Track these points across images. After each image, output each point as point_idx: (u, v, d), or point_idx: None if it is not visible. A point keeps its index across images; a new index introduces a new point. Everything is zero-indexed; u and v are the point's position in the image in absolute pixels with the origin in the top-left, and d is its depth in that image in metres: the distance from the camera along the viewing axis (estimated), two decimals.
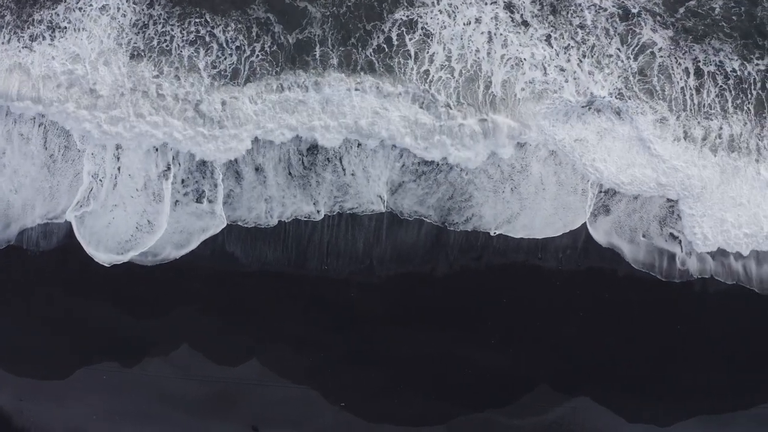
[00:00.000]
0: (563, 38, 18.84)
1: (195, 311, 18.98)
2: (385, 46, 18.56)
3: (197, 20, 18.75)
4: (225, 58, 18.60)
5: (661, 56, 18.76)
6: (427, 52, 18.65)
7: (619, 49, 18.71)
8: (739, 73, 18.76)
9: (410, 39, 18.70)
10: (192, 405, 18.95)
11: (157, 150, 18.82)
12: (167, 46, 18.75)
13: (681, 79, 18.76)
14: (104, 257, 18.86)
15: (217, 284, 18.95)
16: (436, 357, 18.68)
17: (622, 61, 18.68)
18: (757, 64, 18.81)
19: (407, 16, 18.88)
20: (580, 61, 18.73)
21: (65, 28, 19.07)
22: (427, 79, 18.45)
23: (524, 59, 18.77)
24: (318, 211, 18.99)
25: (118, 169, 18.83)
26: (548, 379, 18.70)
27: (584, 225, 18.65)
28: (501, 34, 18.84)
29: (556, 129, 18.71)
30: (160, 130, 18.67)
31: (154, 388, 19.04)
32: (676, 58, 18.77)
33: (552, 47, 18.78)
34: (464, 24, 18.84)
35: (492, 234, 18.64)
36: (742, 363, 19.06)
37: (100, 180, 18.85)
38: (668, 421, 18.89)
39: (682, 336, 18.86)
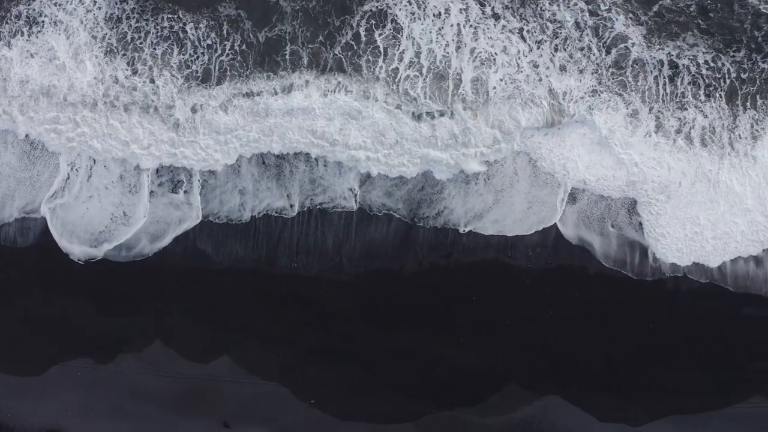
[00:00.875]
0: (536, 32, 18.75)
1: (167, 308, 19.10)
2: (353, 43, 18.53)
3: (170, 16, 18.87)
4: (197, 57, 18.69)
5: (635, 51, 18.59)
6: (397, 49, 18.63)
7: (590, 42, 18.57)
8: (713, 65, 18.53)
9: (379, 34, 18.67)
10: (165, 401, 19.12)
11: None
12: (141, 43, 18.92)
13: (655, 69, 18.54)
14: (78, 250, 19.04)
15: (189, 281, 19.05)
16: (406, 355, 18.64)
17: (594, 55, 18.54)
18: (734, 56, 18.57)
19: (377, 7, 18.83)
20: (553, 55, 18.63)
21: (42, 22, 19.34)
22: (396, 78, 18.45)
23: (496, 54, 18.69)
24: (291, 206, 19.05)
25: (94, 160, 19.02)
26: (518, 378, 18.60)
27: (554, 224, 18.60)
28: (471, 26, 18.73)
29: (529, 137, 18.71)
30: (132, 147, 18.81)
31: (128, 384, 19.20)
32: (650, 52, 18.60)
33: (525, 41, 18.69)
34: (434, 15, 18.75)
35: (462, 231, 18.60)
36: (717, 362, 18.80)
37: (77, 170, 19.06)
38: (641, 420, 18.71)
39: (655, 335, 18.62)
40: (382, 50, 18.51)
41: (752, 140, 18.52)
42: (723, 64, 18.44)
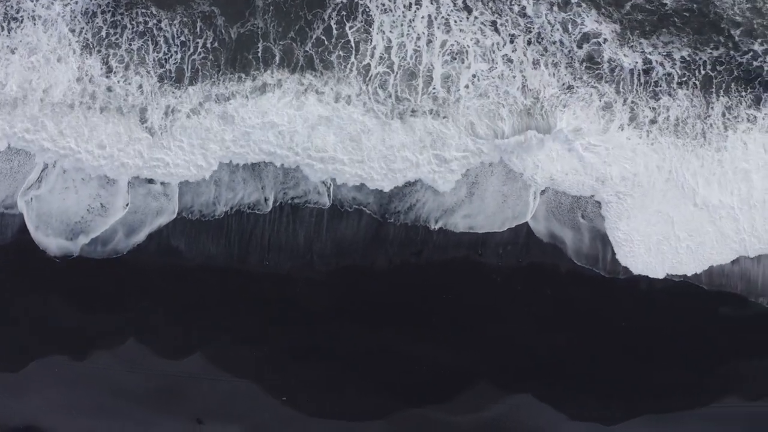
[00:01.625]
0: (508, 25, 18.58)
1: (141, 305, 19.17)
2: (324, 38, 18.49)
3: (143, 11, 18.94)
4: (171, 56, 18.77)
5: (608, 48, 18.38)
6: (369, 43, 18.57)
7: (562, 37, 18.40)
8: (688, 59, 18.32)
9: (350, 27, 18.59)
10: (140, 398, 19.22)
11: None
12: (116, 39, 19.00)
13: (630, 63, 18.37)
14: (54, 244, 19.15)
15: (163, 279, 19.14)
16: (376, 352, 18.63)
17: (567, 50, 18.37)
18: (711, 53, 18.34)
19: None
20: (526, 49, 18.47)
21: (21, 18, 19.44)
22: (367, 75, 18.40)
23: (468, 46, 18.56)
24: (266, 200, 19.08)
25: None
26: (488, 376, 18.52)
27: (525, 222, 18.50)
28: (443, 17, 18.60)
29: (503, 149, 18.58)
30: (110, 160, 18.86)
31: (104, 381, 19.31)
32: (623, 49, 18.39)
33: (499, 34, 18.56)
34: (404, 7, 18.58)
35: (432, 228, 18.57)
36: (691, 362, 18.62)
37: (54, 162, 19.13)
38: (613, 419, 18.58)
39: (628, 333, 18.49)
40: (353, 44, 18.50)
41: (724, 130, 18.31)
42: (700, 58, 18.28)
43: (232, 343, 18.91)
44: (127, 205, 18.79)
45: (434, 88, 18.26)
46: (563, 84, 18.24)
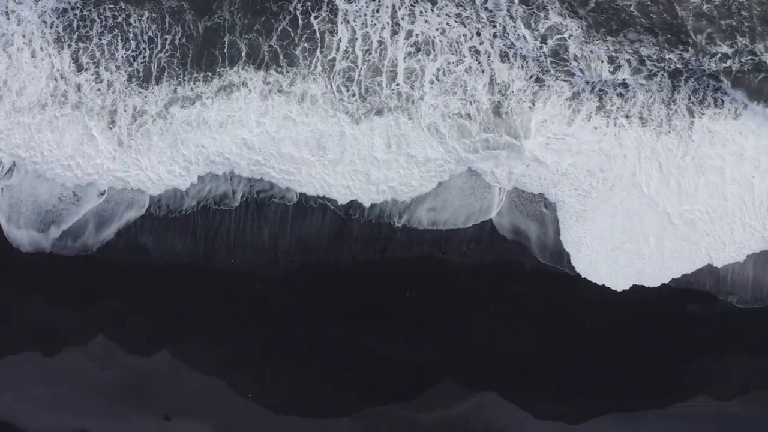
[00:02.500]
0: (473, 18, 18.37)
1: (110, 303, 19.33)
2: (290, 29, 18.43)
3: (111, 6, 18.94)
4: (139, 53, 18.83)
5: (573, 44, 18.18)
6: (334, 34, 18.48)
7: (525, 33, 18.21)
8: (655, 58, 18.07)
9: (315, 17, 18.51)
10: (110, 394, 19.37)
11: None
12: (87, 32, 19.02)
13: (597, 60, 18.16)
14: (26, 236, 19.31)
15: (131, 277, 19.25)
16: (341, 350, 18.65)
17: (531, 44, 18.16)
18: (680, 54, 18.07)
19: None
20: (492, 42, 18.31)
21: None
22: (332, 71, 18.34)
23: (434, 37, 18.40)
24: (234, 192, 19.12)
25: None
26: (452, 374, 18.48)
27: (489, 219, 18.38)
28: (407, 7, 18.27)
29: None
30: (82, 170, 18.93)
31: (75, 377, 19.50)
32: (589, 46, 18.17)
33: (465, 26, 18.40)
34: None
35: (396, 225, 18.53)
36: (659, 361, 18.45)
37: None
38: (578, 418, 18.46)
39: (593, 332, 18.36)
40: (318, 35, 18.43)
41: (690, 115, 18.12)
42: (669, 59, 18.04)
43: (199, 340, 19.02)
44: (103, 193, 18.91)
45: (398, 84, 18.21)
46: (531, 77, 18.10)
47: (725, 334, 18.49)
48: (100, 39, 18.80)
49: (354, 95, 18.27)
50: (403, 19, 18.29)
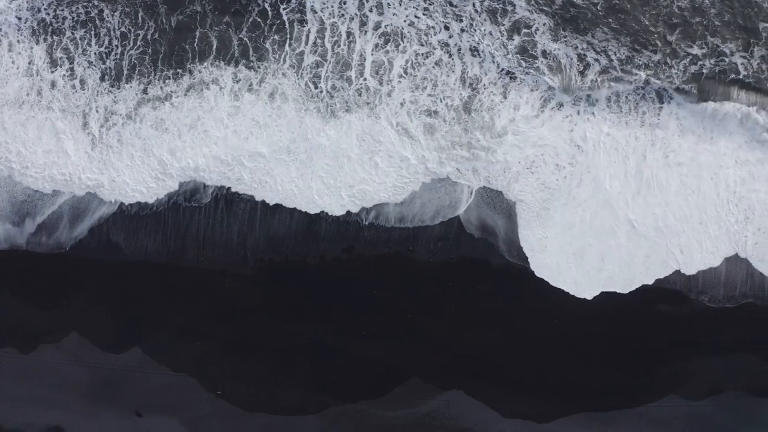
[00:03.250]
0: (438, 12, 18.23)
1: (83, 300, 19.47)
2: (260, 20, 18.42)
3: (86, 2, 19.07)
4: (111, 50, 18.90)
5: (541, 40, 18.01)
6: (304, 25, 18.43)
7: (492, 28, 18.04)
8: (625, 59, 17.83)
9: (284, 9, 18.46)
10: (83, 390, 19.50)
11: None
12: (59, 26, 19.12)
13: (565, 58, 17.99)
14: (0, 230, 19.47)
15: (104, 275, 19.36)
16: (310, 348, 18.65)
17: (498, 40, 18.01)
18: (650, 56, 17.83)
19: None
20: (461, 36, 18.15)
21: None
22: (301, 65, 18.27)
23: (402, 28, 18.21)
24: (205, 187, 19.11)
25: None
26: (420, 373, 18.42)
27: (457, 217, 18.29)
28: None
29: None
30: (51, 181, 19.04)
31: (49, 374, 19.63)
32: (557, 43, 17.99)
33: (432, 19, 18.24)
34: None
35: (364, 223, 18.45)
36: (628, 360, 18.30)
37: None
38: (547, 417, 18.34)
39: (562, 331, 18.22)
40: (287, 26, 18.36)
41: (659, 102, 17.89)
42: (639, 60, 17.79)
43: (170, 337, 19.09)
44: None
45: (365, 79, 18.11)
46: (501, 71, 17.93)
47: (697, 334, 18.29)
48: (73, 33, 18.93)
49: (322, 92, 18.23)
50: (371, 10, 18.22)
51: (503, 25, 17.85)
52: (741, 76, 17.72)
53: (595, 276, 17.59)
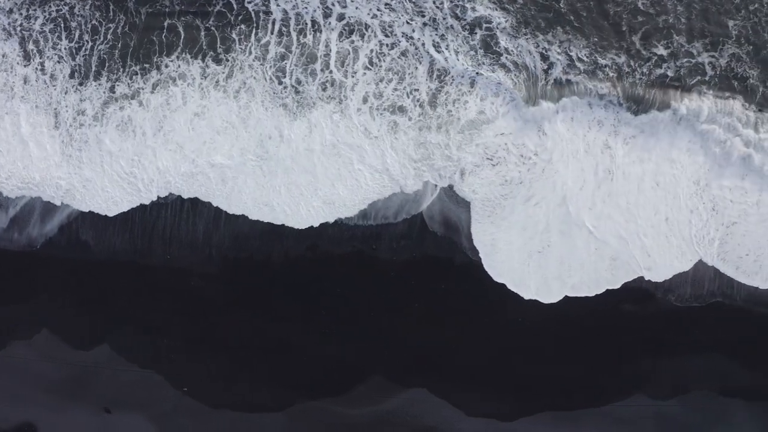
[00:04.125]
0: (399, 8, 18.20)
1: (53, 297, 19.66)
2: (226, 10, 18.49)
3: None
4: (81, 45, 19.01)
5: (503, 37, 17.91)
6: (269, 15, 18.43)
7: (453, 23, 17.95)
8: (587, 59, 17.68)
9: (248, 2, 18.53)
10: (53, 387, 19.69)
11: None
12: (30, 24, 19.25)
13: (528, 56, 17.85)
14: None
15: (73, 272, 19.53)
16: (274, 345, 18.69)
17: (459, 35, 17.94)
18: (613, 59, 17.64)
19: None
20: (423, 30, 18.09)
21: None
22: (266, 57, 18.28)
23: (366, 22, 18.18)
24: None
25: None
26: (383, 371, 18.38)
27: (420, 214, 18.26)
28: None
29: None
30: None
31: (20, 370, 19.84)
32: (518, 41, 17.87)
33: (395, 12, 18.21)
34: None
35: (327, 221, 18.42)
36: (593, 359, 18.13)
37: None
38: (511, 416, 18.24)
39: (526, 329, 18.10)
40: (253, 16, 18.41)
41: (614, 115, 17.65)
42: (602, 63, 17.63)
43: (138, 334, 19.21)
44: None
45: (331, 71, 18.10)
46: (466, 67, 17.85)
47: (664, 333, 18.10)
48: (42, 28, 19.08)
49: (287, 88, 18.24)
50: (333, 4, 18.21)
51: (464, 20, 17.77)
52: (707, 77, 17.52)
53: (557, 281, 17.52)
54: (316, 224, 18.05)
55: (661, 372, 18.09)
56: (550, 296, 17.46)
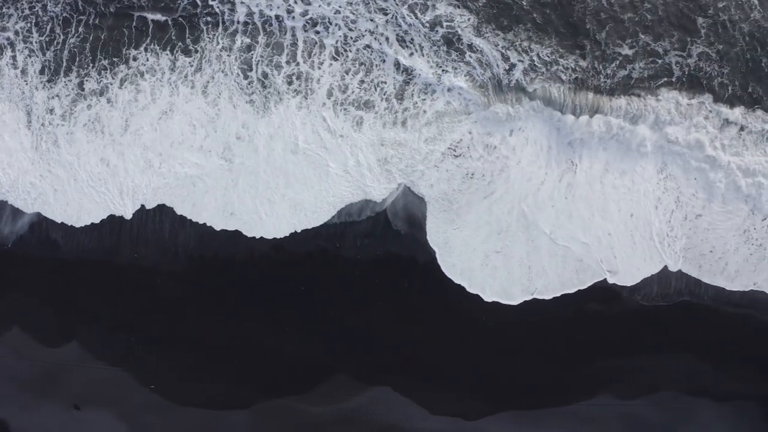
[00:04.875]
0: (359, 5, 18.16)
1: (24, 295, 19.77)
2: (190, 7, 18.52)
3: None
4: (54, 37, 19.05)
5: (465, 35, 17.82)
6: (234, 13, 18.39)
7: (413, 21, 17.90)
8: (549, 59, 17.59)
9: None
10: (24, 384, 19.81)
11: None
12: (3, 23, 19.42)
13: (491, 55, 17.76)
14: None
15: (43, 271, 19.63)
16: (240, 343, 18.74)
17: (421, 31, 17.88)
18: (576, 61, 17.51)
19: None
20: (386, 26, 18.04)
21: None
22: (232, 48, 18.26)
23: (329, 18, 18.15)
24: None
25: None
26: (347, 369, 18.40)
27: (384, 211, 18.24)
28: None
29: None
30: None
31: None
32: (480, 39, 17.77)
33: (356, 8, 18.16)
34: None
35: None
36: (558, 358, 18.08)
37: None
38: (475, 414, 18.21)
39: (491, 328, 18.06)
40: (218, 12, 18.42)
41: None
42: (565, 64, 17.50)
43: (106, 332, 19.30)
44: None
45: (298, 63, 18.07)
46: (432, 64, 17.79)
47: (631, 333, 18.02)
48: (14, 25, 19.16)
49: (253, 82, 18.25)
50: (296, 2, 18.20)
51: (425, 17, 17.69)
52: (674, 78, 17.35)
53: (517, 285, 17.47)
54: (281, 236, 18.08)
55: (628, 371, 18.00)
56: (511, 299, 17.35)
